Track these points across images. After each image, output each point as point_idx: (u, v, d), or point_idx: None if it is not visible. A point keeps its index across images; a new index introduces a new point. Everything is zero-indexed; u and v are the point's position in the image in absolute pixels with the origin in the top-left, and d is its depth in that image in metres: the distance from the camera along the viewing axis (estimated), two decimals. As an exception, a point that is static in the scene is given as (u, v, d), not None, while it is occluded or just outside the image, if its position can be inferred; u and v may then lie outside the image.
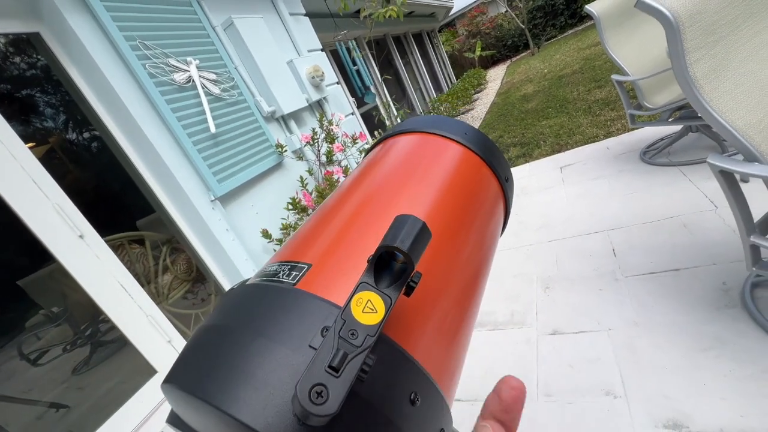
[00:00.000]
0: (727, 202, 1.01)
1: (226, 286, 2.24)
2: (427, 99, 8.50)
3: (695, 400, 1.04)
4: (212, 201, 2.09)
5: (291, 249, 0.34)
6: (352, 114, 3.66)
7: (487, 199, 0.43)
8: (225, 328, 0.26)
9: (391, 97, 6.32)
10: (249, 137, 2.37)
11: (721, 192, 1.80)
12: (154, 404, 1.74)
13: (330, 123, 2.48)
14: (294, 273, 0.29)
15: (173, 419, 0.30)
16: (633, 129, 2.83)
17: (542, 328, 1.53)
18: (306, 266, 0.29)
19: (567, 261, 1.86)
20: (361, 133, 2.45)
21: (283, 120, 2.68)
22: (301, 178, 2.37)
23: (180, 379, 0.25)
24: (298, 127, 2.75)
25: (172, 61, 2.00)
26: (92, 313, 1.80)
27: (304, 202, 2.20)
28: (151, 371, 1.81)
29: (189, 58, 2.11)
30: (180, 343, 1.92)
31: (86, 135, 2.08)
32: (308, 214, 2.31)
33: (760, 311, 1.17)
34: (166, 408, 1.71)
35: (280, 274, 0.30)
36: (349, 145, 2.45)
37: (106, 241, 1.75)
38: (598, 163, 2.68)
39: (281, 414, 0.21)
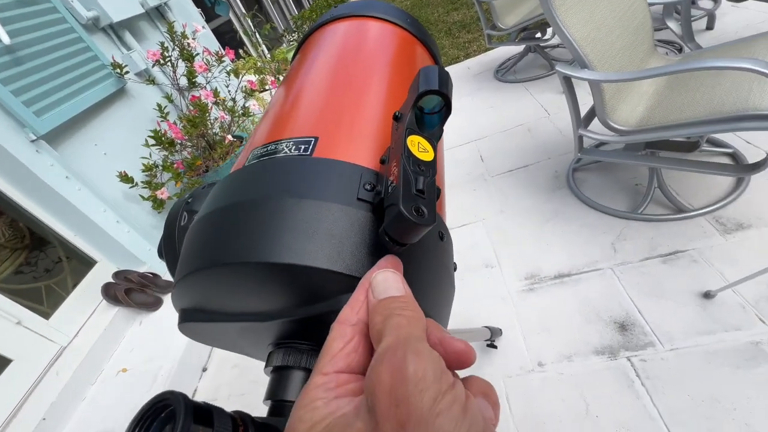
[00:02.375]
0: (558, 111, 1.28)
1: (83, 245, 1.85)
2: (288, 16, 7.62)
3: (544, 256, 1.42)
4: (33, 141, 1.59)
5: (277, 129, 0.32)
6: (204, 28, 3.05)
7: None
8: (254, 203, 0.25)
9: (248, 11, 5.43)
10: (67, 53, 1.79)
11: (551, 102, 2.26)
12: (16, 400, 1.43)
13: (184, 36, 2.04)
14: (302, 146, 0.28)
15: (191, 316, 0.28)
16: (489, 49, 3.17)
17: (433, 229, 1.78)
18: (313, 139, 0.29)
19: (446, 169, 2.12)
20: (227, 48, 2.10)
21: (113, 31, 2.08)
22: (159, 106, 1.97)
23: (224, 253, 0.24)
24: (138, 42, 2.18)
25: None
26: None
27: (171, 135, 1.86)
28: (2, 362, 1.46)
29: None
30: (36, 323, 1.57)
31: None
32: (177, 150, 1.99)
33: (578, 187, 1.60)
34: (33, 400, 1.44)
35: (285, 150, 0.29)
36: (214, 64, 2.09)
37: None
38: (462, 83, 2.97)
39: (355, 256, 0.23)
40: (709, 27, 2.21)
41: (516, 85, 2.60)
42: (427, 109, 0.26)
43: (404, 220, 0.19)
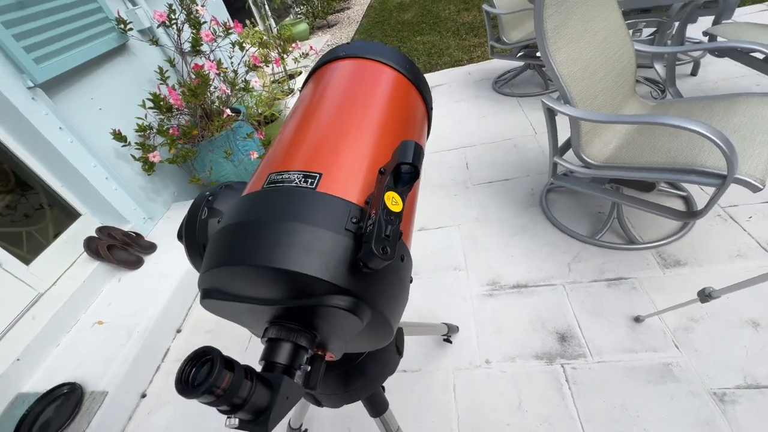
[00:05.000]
0: (545, 131, 1.40)
1: (69, 197, 1.87)
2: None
3: (506, 266, 1.56)
4: (31, 88, 1.60)
5: (290, 157, 0.41)
6: (213, -9, 3.00)
7: (418, 117, 0.57)
8: (271, 222, 0.35)
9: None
10: (72, 1, 1.77)
11: (540, 121, 2.38)
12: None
13: (192, 1, 2.04)
14: (309, 180, 0.38)
15: (216, 294, 0.38)
16: (490, 59, 3.26)
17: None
18: (318, 175, 0.39)
19: (432, 171, 2.23)
20: (236, 21, 2.11)
21: (121, -16, 2.06)
22: (160, 69, 1.98)
23: (246, 256, 0.33)
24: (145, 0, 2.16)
25: None
26: None
27: (170, 100, 1.88)
28: (-20, 300, 1.50)
29: None
30: (15, 267, 1.61)
31: None
32: (174, 115, 2.01)
33: (549, 208, 1.74)
34: (8, 341, 1.50)
35: (296, 180, 0.38)
36: (221, 34, 2.10)
37: None
38: (461, 87, 3.06)
39: (338, 269, 0.33)
40: (693, 73, 2.37)
41: (511, 98, 2.70)
42: (403, 170, 0.36)
43: (373, 255, 0.29)
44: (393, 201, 0.33)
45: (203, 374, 0.27)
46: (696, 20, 2.13)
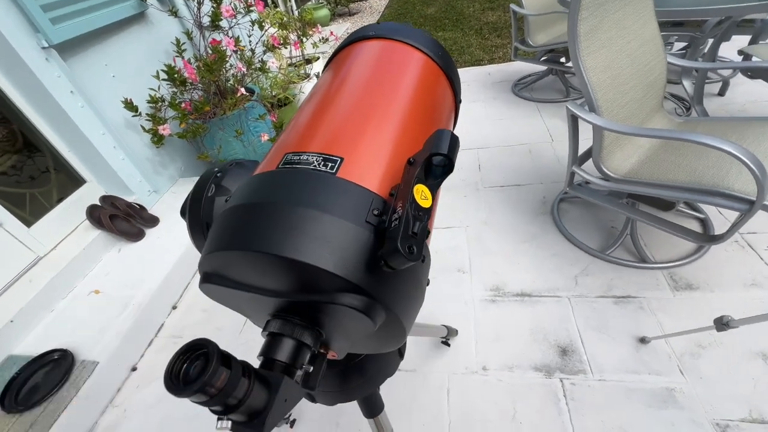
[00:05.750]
0: (562, 138, 1.35)
1: (75, 162, 1.85)
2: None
3: (511, 273, 1.52)
4: (45, 48, 1.57)
5: (308, 138, 0.38)
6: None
7: (446, 107, 0.53)
8: (286, 206, 0.31)
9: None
10: (94, -36, 1.73)
11: (558, 129, 2.33)
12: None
13: (216, -26, 1.99)
14: (329, 164, 0.35)
15: (217, 279, 0.35)
16: (512, 61, 3.19)
17: (419, 224, 1.86)
18: (339, 159, 0.35)
19: (444, 171, 2.19)
20: (258, 0, 2.06)
21: (144, -50, 2.01)
22: (177, 41, 1.94)
23: (254, 242, 0.30)
24: (167, -32, 2.11)
25: None
26: None
27: (185, 73, 1.85)
28: (-21, 259, 1.48)
29: None
30: (17, 228, 1.59)
31: None
32: (187, 89, 1.97)
33: (559, 218, 1.70)
34: (3, 301, 1.48)
35: (314, 163, 0.35)
36: (241, 11, 2.06)
37: None
38: (479, 87, 3.00)
39: (355, 265, 0.30)
40: (721, 93, 2.30)
41: (530, 103, 2.65)
42: (435, 161, 0.32)
43: (398, 254, 0.26)
44: (422, 195, 0.30)
45: (196, 370, 0.24)
46: (730, 38, 2.06)
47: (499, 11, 4.59)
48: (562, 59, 2.56)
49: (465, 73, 3.27)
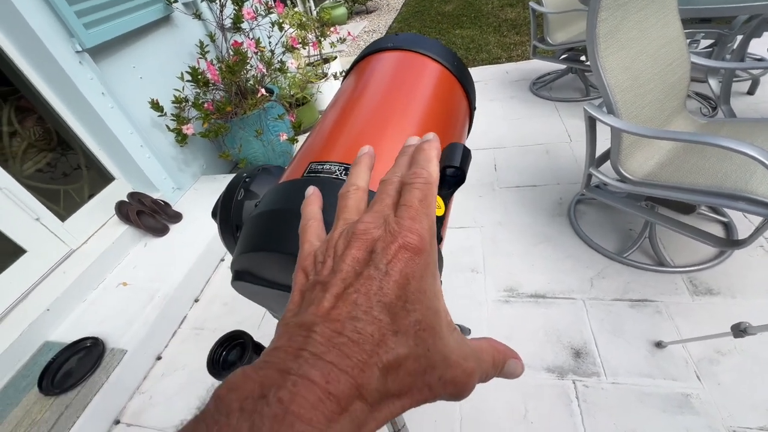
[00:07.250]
0: (580, 139, 1.34)
1: (105, 160, 1.94)
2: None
3: (525, 274, 1.53)
4: (79, 53, 1.65)
5: (331, 147, 0.41)
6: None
7: (461, 116, 0.55)
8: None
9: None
10: (124, -30, 1.81)
11: (576, 129, 2.30)
12: (26, 287, 1.57)
13: (238, -22, 2.04)
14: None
15: (249, 277, 0.38)
16: (530, 59, 3.15)
17: (433, 224, 1.88)
18: None
19: (459, 170, 2.19)
20: (277, 1, 2.11)
21: (171, -44, 2.08)
22: (201, 43, 2.00)
23: (283, 244, 0.33)
24: (192, -28, 2.18)
25: None
26: None
27: (208, 75, 1.91)
28: (18, 251, 1.58)
29: None
30: (52, 222, 1.69)
31: None
32: (210, 90, 2.04)
33: (576, 220, 1.69)
34: (40, 291, 1.58)
35: (336, 172, 0.37)
36: (262, 13, 2.11)
37: None
38: (497, 86, 2.98)
39: None
40: (750, 92, 2.22)
41: (548, 102, 2.61)
42: (448, 173, 0.34)
43: None
44: (436, 204, 0.32)
45: (234, 357, 0.28)
46: (761, 35, 1.99)
47: (518, 8, 4.53)
48: (582, 58, 2.52)
49: (482, 72, 3.25)
